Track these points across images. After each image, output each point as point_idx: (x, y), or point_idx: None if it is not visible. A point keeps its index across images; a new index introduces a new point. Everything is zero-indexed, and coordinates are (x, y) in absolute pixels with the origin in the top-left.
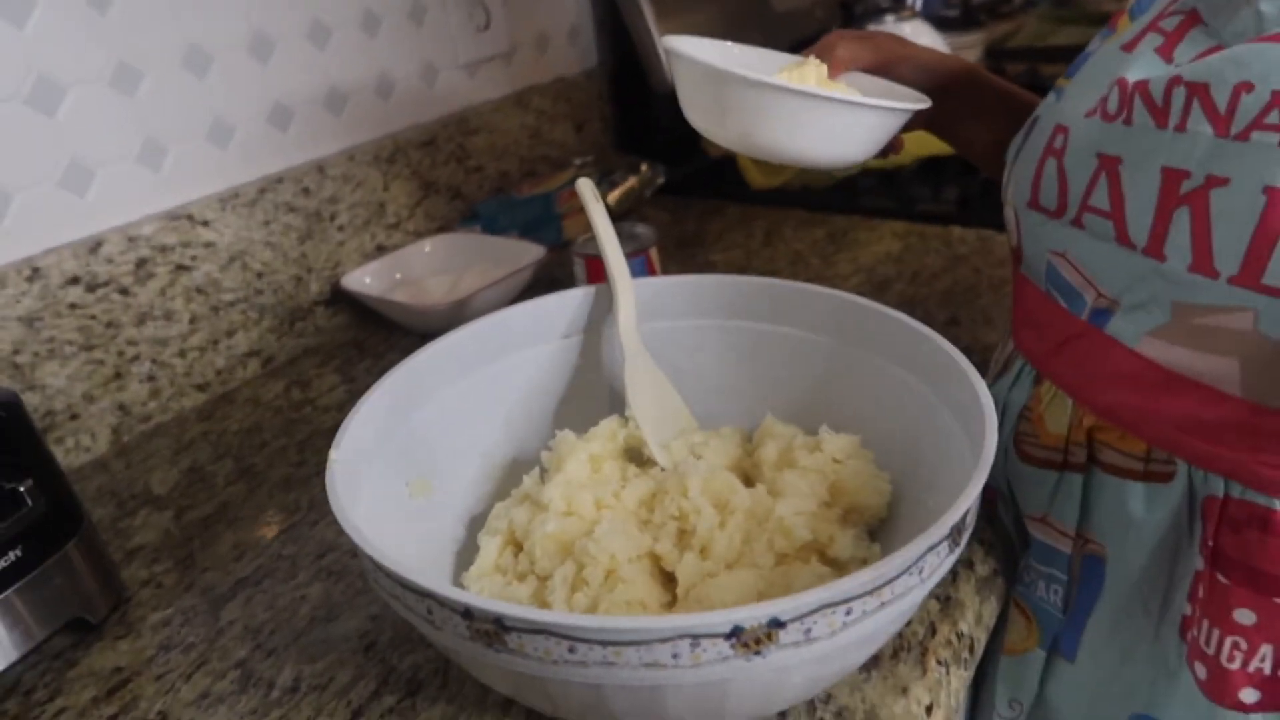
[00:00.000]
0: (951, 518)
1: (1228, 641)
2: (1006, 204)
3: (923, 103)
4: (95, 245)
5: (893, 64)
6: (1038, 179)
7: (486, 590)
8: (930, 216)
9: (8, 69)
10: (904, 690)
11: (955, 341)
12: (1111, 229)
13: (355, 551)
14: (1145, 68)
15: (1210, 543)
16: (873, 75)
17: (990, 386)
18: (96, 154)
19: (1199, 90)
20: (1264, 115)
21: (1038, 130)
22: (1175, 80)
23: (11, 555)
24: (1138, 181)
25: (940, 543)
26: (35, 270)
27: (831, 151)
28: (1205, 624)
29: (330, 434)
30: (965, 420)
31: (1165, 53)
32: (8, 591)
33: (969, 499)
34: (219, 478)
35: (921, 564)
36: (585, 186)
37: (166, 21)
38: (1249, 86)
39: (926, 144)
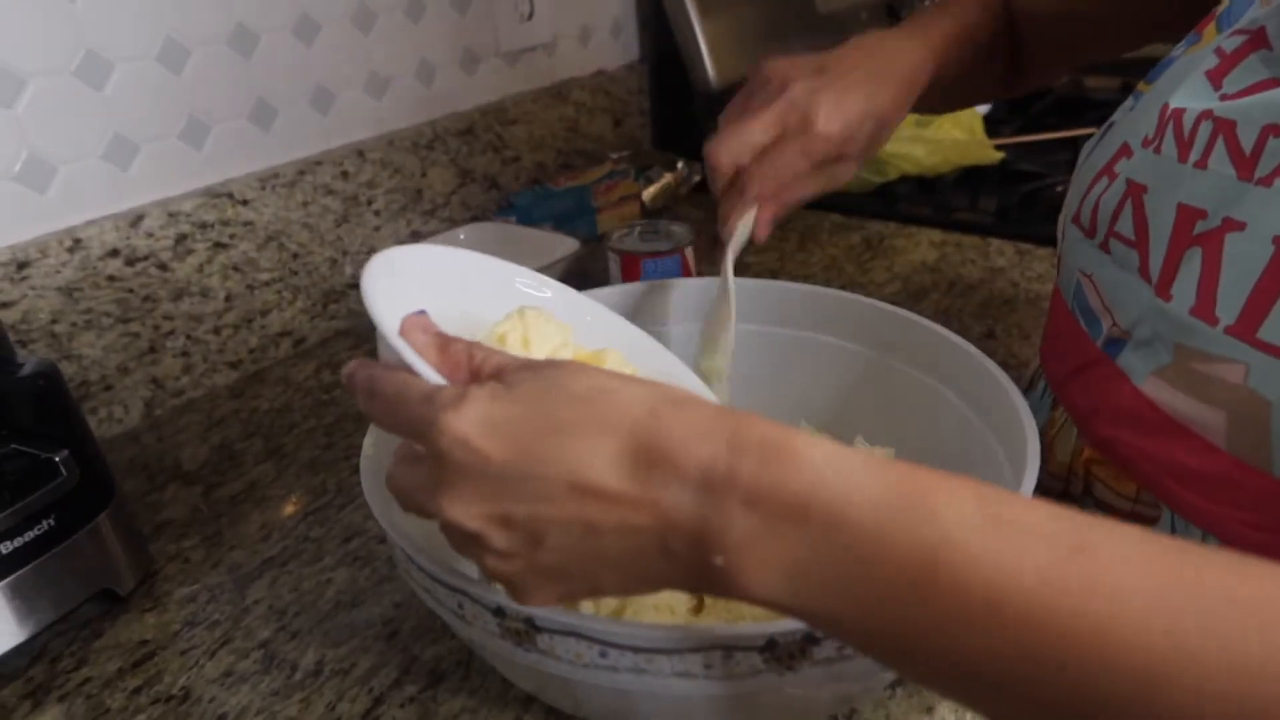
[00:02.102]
0: None
1: None
2: (1062, 211)
3: None
4: (136, 219)
5: (836, 151)
6: (1086, 193)
7: None
8: (968, 226)
9: (59, 43)
10: (929, 709)
11: (991, 355)
12: (1136, 259)
13: (382, 538)
14: (1190, 92)
15: None
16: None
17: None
18: (141, 129)
19: (1225, 128)
20: None
21: (1106, 141)
22: (1205, 114)
23: (45, 524)
24: (1158, 214)
25: None
26: (76, 241)
27: None
28: None
29: (360, 417)
30: (1005, 439)
31: (1215, 78)
32: (39, 560)
33: None
34: (248, 456)
35: None
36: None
37: (214, 1)
38: (1278, 130)
39: (966, 153)
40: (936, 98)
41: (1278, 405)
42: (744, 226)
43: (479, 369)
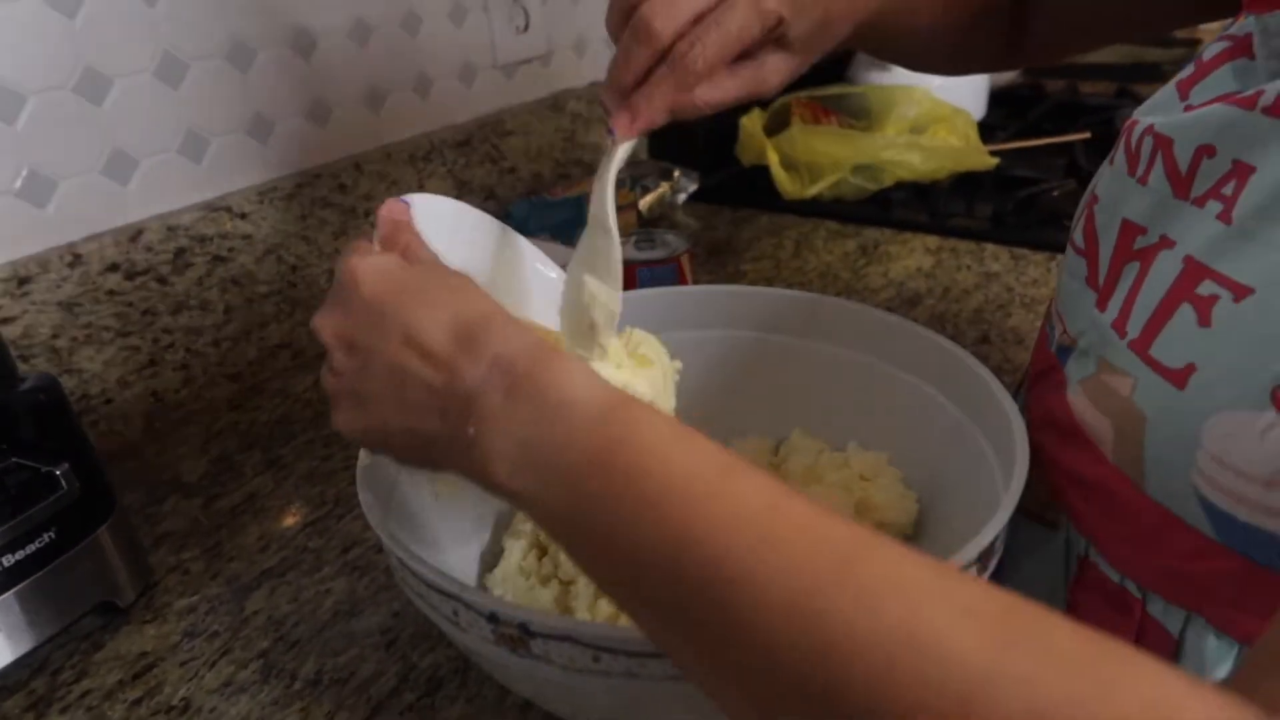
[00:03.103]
0: (980, 542)
1: None
2: None
3: None
4: (136, 234)
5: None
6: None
7: (510, 593)
8: (963, 232)
9: (58, 59)
10: None
11: (985, 360)
12: (1084, 268)
13: (380, 547)
14: (1158, 102)
15: (1068, 599)
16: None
17: None
18: (140, 144)
19: (1164, 144)
20: (1221, 184)
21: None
22: (1148, 129)
23: (45, 537)
24: (1105, 227)
25: (969, 566)
26: (76, 256)
27: None
28: None
29: None
30: (996, 442)
31: (1184, 88)
32: (39, 573)
33: (998, 523)
34: (247, 468)
35: None
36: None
37: (212, 15)
38: (1210, 150)
39: (961, 159)
40: (915, 38)
41: (1152, 420)
42: (631, 142)
43: (407, 253)
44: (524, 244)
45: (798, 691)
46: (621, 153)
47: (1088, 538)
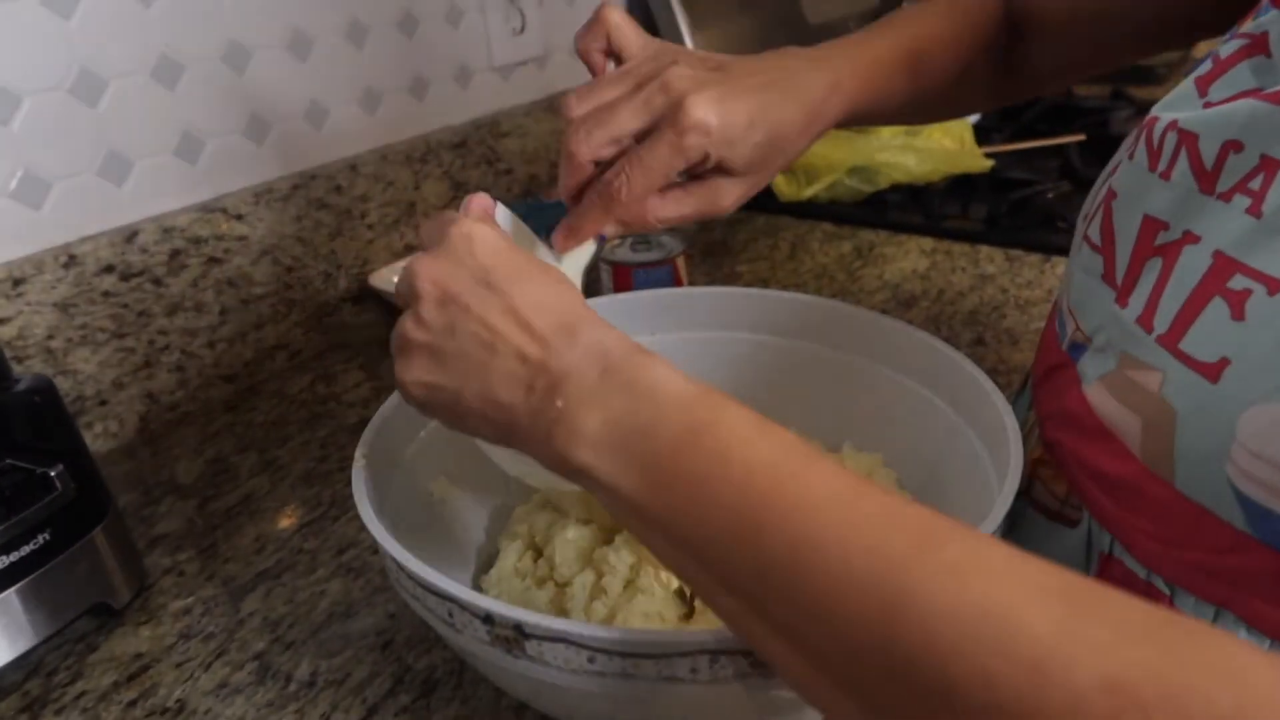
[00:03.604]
0: None
1: None
2: None
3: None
4: (131, 235)
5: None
6: (1092, 197)
7: (505, 594)
8: (958, 234)
9: (53, 60)
10: None
11: (980, 362)
12: (1101, 264)
13: (376, 549)
14: (1176, 98)
15: None
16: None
17: (1012, 403)
18: (135, 145)
19: (1189, 140)
20: (1249, 179)
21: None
22: (1172, 124)
23: (40, 539)
24: (1125, 223)
25: None
26: (72, 257)
27: None
28: None
29: (355, 430)
30: (990, 443)
31: (1203, 85)
32: (34, 575)
33: (993, 524)
34: (243, 469)
35: None
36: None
37: (208, 17)
38: (1238, 146)
39: (956, 162)
40: (901, 112)
41: (1182, 415)
42: (587, 250)
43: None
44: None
45: (881, 666)
46: (571, 261)
47: (1112, 534)
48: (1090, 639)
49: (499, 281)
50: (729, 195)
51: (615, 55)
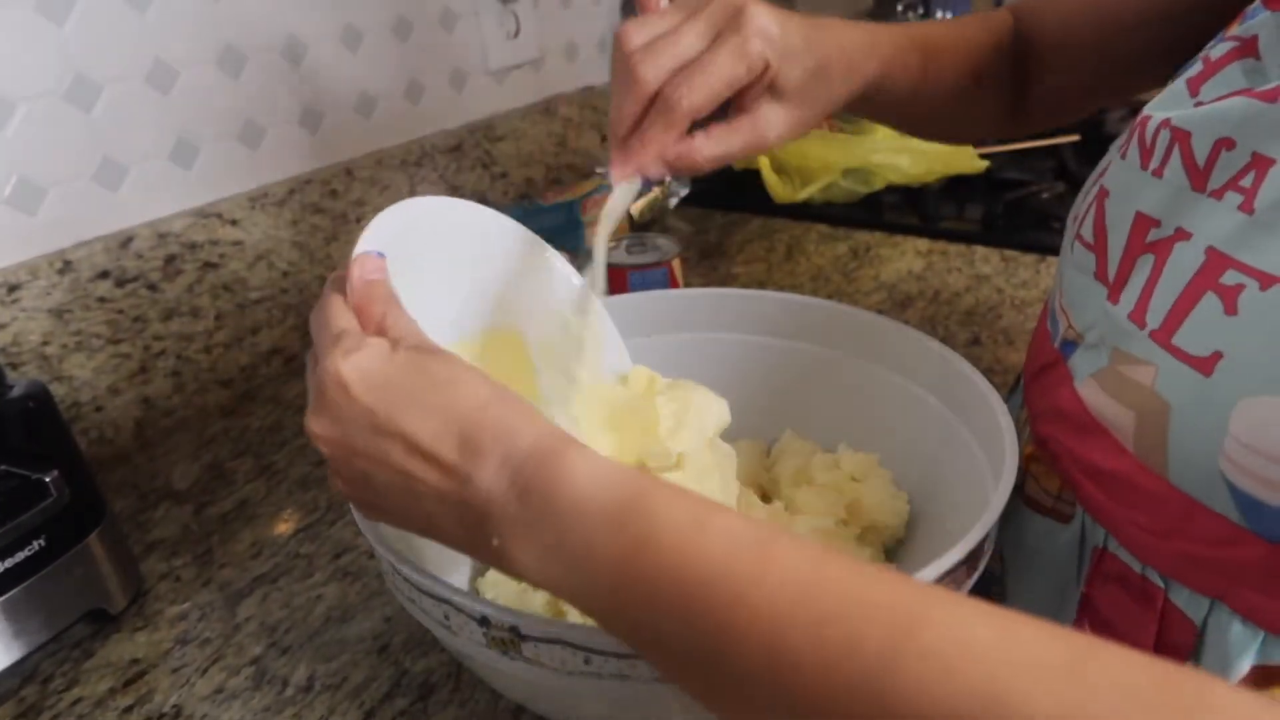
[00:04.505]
0: (969, 542)
1: None
2: None
3: None
4: (126, 240)
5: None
6: (1083, 196)
7: (502, 596)
8: (953, 235)
9: (47, 65)
10: None
11: (976, 362)
12: (1093, 262)
13: (372, 553)
14: (1167, 98)
15: (1083, 590)
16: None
17: (1006, 401)
18: (130, 150)
19: (1181, 137)
20: (1240, 176)
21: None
22: (1164, 122)
23: (35, 545)
24: (1117, 220)
25: (958, 567)
26: (67, 263)
27: None
28: None
29: None
30: (985, 442)
31: (1194, 85)
32: (30, 581)
33: (987, 523)
34: (239, 474)
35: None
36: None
37: (203, 22)
38: (1229, 143)
39: (951, 162)
40: (921, 117)
41: (1175, 409)
42: (632, 183)
43: (382, 328)
44: (536, 240)
45: None
46: (619, 195)
47: (1106, 528)
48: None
49: (386, 424)
50: (776, 125)
51: None
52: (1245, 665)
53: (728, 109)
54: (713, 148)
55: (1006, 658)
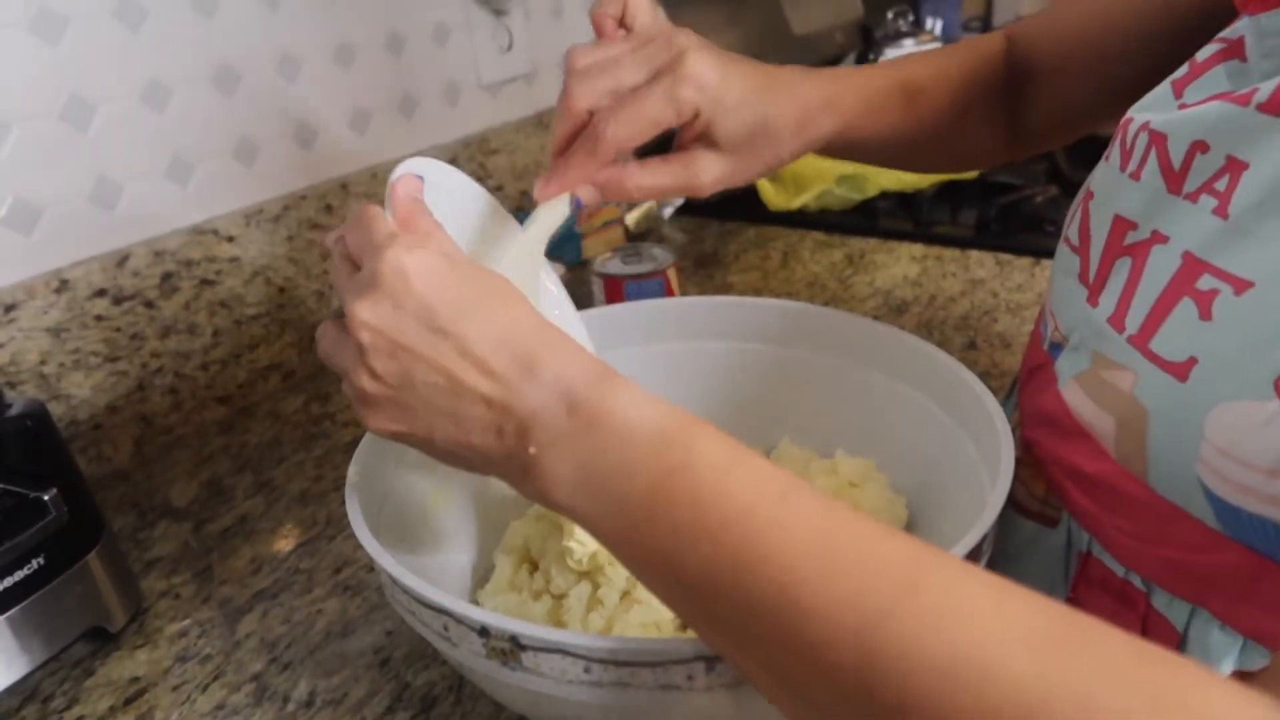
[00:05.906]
0: (967, 544)
1: None
2: None
3: None
4: (122, 259)
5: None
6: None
7: (502, 608)
8: (948, 239)
9: (42, 85)
10: None
11: (973, 366)
12: (1078, 264)
13: (372, 566)
14: (1152, 100)
15: (1069, 595)
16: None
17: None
18: (126, 169)
19: (1159, 140)
20: (1214, 180)
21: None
22: (1144, 125)
23: (34, 564)
24: (1099, 222)
25: None
26: (63, 282)
27: None
28: None
29: (349, 449)
30: (982, 446)
31: (1179, 87)
32: (29, 599)
33: (984, 526)
34: (238, 491)
35: None
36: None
37: (197, 41)
38: (1204, 147)
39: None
40: (907, 157)
41: (1154, 414)
42: (559, 212)
43: (429, 236)
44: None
45: (863, 709)
46: (545, 213)
47: (1090, 533)
48: (1074, 690)
49: (446, 323)
50: (709, 171)
51: (626, 27)
52: (1226, 670)
53: (671, 142)
54: (644, 178)
55: (997, 624)
